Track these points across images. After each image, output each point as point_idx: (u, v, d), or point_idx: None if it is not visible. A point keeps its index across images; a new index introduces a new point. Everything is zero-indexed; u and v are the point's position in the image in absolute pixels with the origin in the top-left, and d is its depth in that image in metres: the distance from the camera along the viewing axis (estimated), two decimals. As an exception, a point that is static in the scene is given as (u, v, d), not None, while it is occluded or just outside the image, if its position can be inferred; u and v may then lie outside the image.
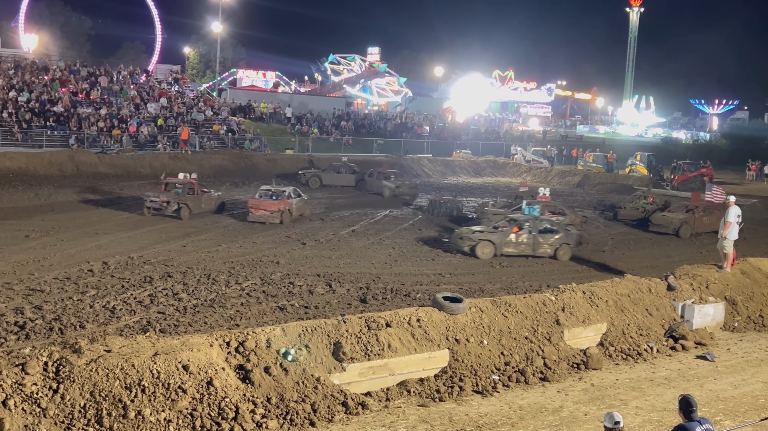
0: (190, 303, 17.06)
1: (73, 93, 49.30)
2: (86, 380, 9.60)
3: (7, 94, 46.06)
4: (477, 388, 12.41)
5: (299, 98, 75.91)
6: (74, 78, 51.85)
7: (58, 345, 10.54)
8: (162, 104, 52.18)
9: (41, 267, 19.53)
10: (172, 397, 9.87)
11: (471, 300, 14.28)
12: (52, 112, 45.81)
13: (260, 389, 10.79)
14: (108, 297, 17.12)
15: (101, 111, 47.92)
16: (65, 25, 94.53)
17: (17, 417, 9.02)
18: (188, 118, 51.51)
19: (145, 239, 23.84)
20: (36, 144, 42.65)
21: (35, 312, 15.65)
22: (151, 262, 20.68)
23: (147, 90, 54.48)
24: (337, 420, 10.82)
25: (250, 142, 51.39)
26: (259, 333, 11.69)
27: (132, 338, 10.90)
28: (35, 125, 44.09)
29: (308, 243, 24.84)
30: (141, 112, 50.12)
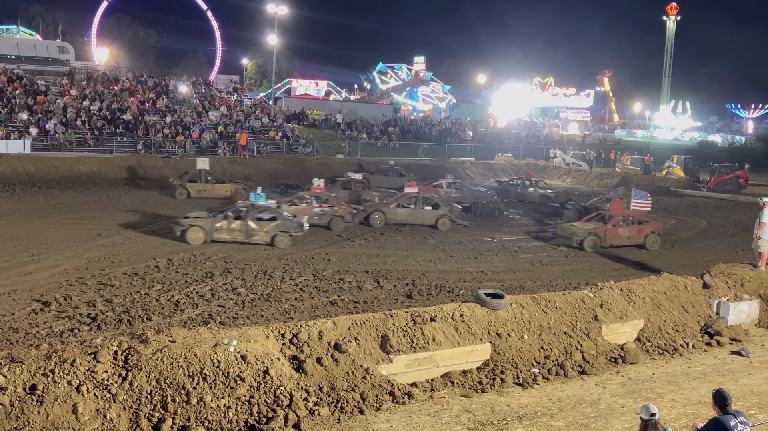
0: (248, 297, 17.26)
1: (140, 102, 50.26)
2: (152, 368, 9.79)
3: (80, 103, 47.16)
4: (518, 380, 12.33)
5: (349, 105, 76.22)
6: (141, 88, 52.85)
7: (127, 336, 10.79)
8: (222, 112, 52.86)
9: (111, 263, 19.95)
10: (231, 385, 10.01)
11: (512, 296, 14.19)
12: (121, 119, 46.76)
13: (313, 378, 10.88)
14: (173, 291, 17.41)
15: (166, 118, 48.77)
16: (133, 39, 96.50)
17: (89, 402, 9.24)
18: (246, 125, 52.09)
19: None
20: (107, 149, 43.58)
21: (106, 305, 15.99)
22: (212, 259, 20.97)
23: (208, 99, 55.25)
24: (385, 408, 10.85)
25: (304, 147, 51.77)
26: (311, 326, 11.79)
27: (194, 329, 11.08)
28: (106, 132, 45.06)
29: (357, 242, 24.92)
30: (203, 120, 50.84)
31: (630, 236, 26.21)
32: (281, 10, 68.79)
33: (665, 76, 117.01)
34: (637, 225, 26.63)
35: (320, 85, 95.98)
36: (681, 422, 10.69)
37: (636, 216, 27.06)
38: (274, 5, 67.80)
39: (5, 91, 45.89)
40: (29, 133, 41.67)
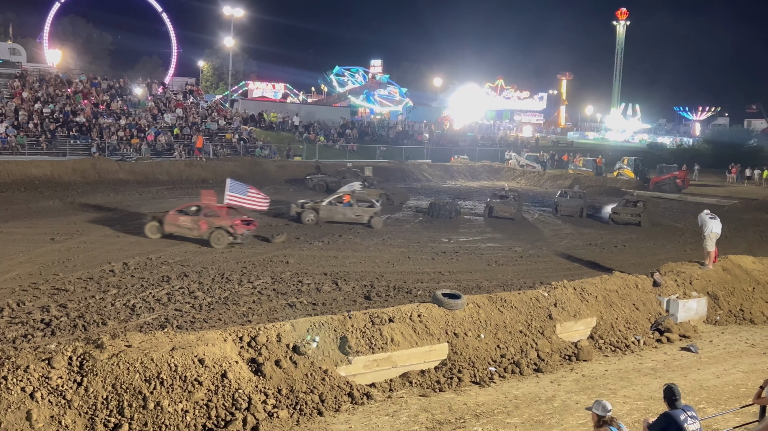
0: (205, 301, 17.07)
1: (94, 104, 49.38)
2: (108, 373, 9.64)
3: (32, 106, 46.15)
4: (475, 379, 12.43)
5: (307, 108, 75.95)
6: (95, 90, 51.93)
7: (82, 341, 10.58)
8: (178, 114, 52.22)
9: (66, 268, 19.56)
10: (189, 389, 9.90)
11: (469, 296, 14.30)
12: (75, 122, 45.87)
13: (271, 381, 10.83)
14: (128, 295, 17.14)
15: (121, 121, 48.00)
16: (87, 40, 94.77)
17: (44, 409, 9.07)
18: (203, 128, 51.54)
19: (162, 242, 23.85)
20: (60, 152, 42.72)
21: (60, 310, 15.67)
22: (168, 263, 20.70)
23: (164, 101, 54.53)
24: (344, 409, 10.84)
25: (261, 150, 51.42)
26: (270, 328, 11.73)
27: (151, 334, 10.94)
28: (59, 135, 44.16)
29: (315, 244, 24.84)
30: (158, 122, 50.16)
31: (192, 228, 24.08)
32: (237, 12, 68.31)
33: (616, 80, 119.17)
34: (205, 218, 24.02)
35: (277, 88, 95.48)
36: (633, 417, 10.89)
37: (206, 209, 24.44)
38: (230, 7, 67.29)
39: (-46, 93, 44.70)
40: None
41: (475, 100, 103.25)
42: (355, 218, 29.74)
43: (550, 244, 27.46)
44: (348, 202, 30.08)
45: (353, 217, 29.75)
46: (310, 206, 29.85)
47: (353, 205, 29.95)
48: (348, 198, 30.25)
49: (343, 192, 31.45)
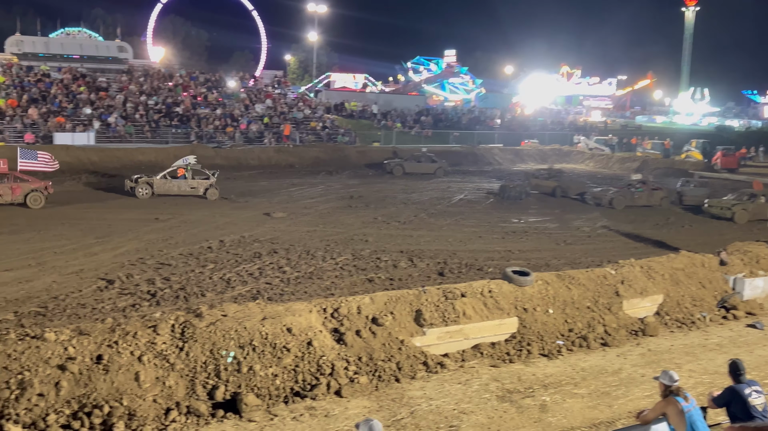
0: (292, 275, 17.42)
1: (193, 96, 50.74)
2: (206, 340, 9.96)
3: (138, 98, 47.79)
4: (543, 352, 12.28)
5: (384, 97, 75.98)
6: (194, 83, 53.34)
7: (183, 311, 10.97)
8: (268, 105, 53.12)
9: (169, 244, 20.27)
10: (278, 355, 10.13)
11: (537, 273, 14.10)
12: (175, 113, 47.29)
13: (352, 349, 10.97)
14: (224, 270, 17.64)
15: (217, 111, 49.18)
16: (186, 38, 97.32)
17: (150, 371, 9.44)
18: (290, 116, 52.29)
19: (254, 221, 24.42)
20: (163, 140, 44.12)
21: (164, 283, 16.27)
22: (259, 241, 21.18)
23: (255, 93, 55.56)
24: (419, 377, 10.90)
25: (343, 136, 51.83)
26: (351, 301, 11.86)
27: (244, 305, 11.23)
28: (162, 124, 45.62)
29: (392, 224, 24.94)
30: (250, 112, 51.17)
31: (3, 194, 25.22)
32: (321, 8, 68.73)
33: (684, 64, 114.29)
34: (13, 183, 25.41)
35: (357, 78, 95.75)
36: (698, 390, 10.55)
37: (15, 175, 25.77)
38: (314, 4, 67.75)
39: (71, 88, 46.68)
40: (93, 126, 42.36)
41: (545, 86, 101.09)
42: (191, 191, 29.84)
43: (617, 224, 26.74)
44: (182, 176, 30.12)
45: (188, 190, 29.84)
46: (144, 180, 29.50)
47: (188, 178, 30.07)
48: (182, 171, 30.24)
49: (177, 166, 30.71)
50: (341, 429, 9.17)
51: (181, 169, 30.23)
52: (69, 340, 9.46)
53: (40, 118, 41.54)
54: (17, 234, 20.75)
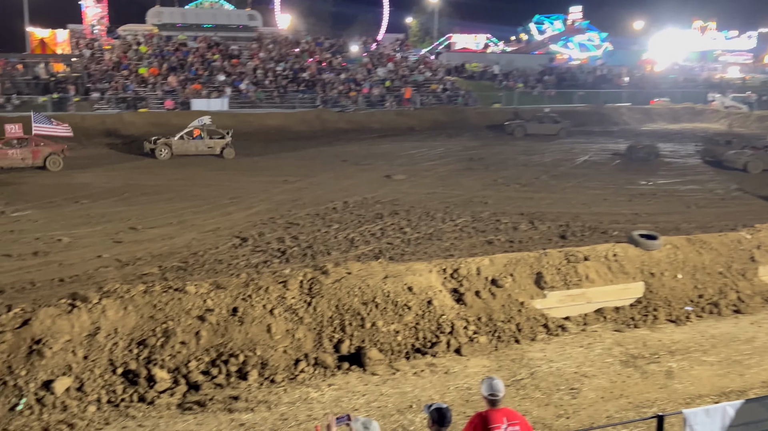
0: (413, 236, 17.59)
1: (318, 62, 51.71)
2: (332, 296, 10.30)
3: (267, 65, 49.29)
4: (670, 317, 11.79)
5: (506, 57, 74.05)
6: (319, 49, 54.30)
7: (311, 268, 11.38)
8: (389, 68, 53.27)
9: (297, 205, 20.97)
10: (400, 313, 10.34)
11: (666, 237, 13.48)
12: (302, 78, 48.43)
13: (472, 309, 11.00)
14: (348, 230, 18.08)
15: (340, 76, 49.92)
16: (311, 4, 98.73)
17: (281, 323, 9.91)
18: (410, 79, 52.21)
19: (376, 183, 24.77)
20: (290, 105, 45.33)
21: (293, 241, 16.91)
22: (381, 202, 21.48)
23: (377, 57, 55.84)
24: (539, 339, 10.79)
25: (463, 98, 51.23)
26: (470, 262, 11.86)
27: (367, 263, 11.49)
28: (290, 90, 46.88)
29: (512, 186, 24.53)
30: (372, 76, 51.54)
31: (24, 158, 26.11)
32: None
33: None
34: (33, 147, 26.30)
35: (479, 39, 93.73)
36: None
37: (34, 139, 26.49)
38: (436, -35, 66.71)
39: (206, 56, 48.82)
40: (226, 92, 44.21)
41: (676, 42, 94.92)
42: (208, 150, 30.14)
43: (753, 187, 24.95)
44: (198, 136, 30.27)
45: (206, 149, 30.11)
46: (163, 142, 29.63)
47: (204, 138, 30.29)
48: (198, 132, 30.42)
49: (192, 126, 30.85)
50: (461, 386, 9.26)
51: (197, 129, 30.96)
52: (207, 293, 10.08)
53: (178, 85, 43.82)
54: (159, 194, 22.16)
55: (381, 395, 8.95)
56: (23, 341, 8.84)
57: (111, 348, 9.13)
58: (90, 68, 44.58)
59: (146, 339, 9.34)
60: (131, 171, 26.47)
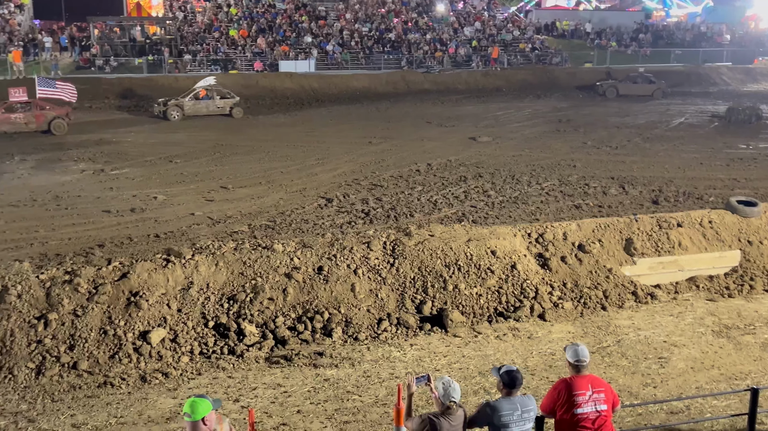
0: (497, 199, 17.36)
1: (404, 22, 51.22)
2: (415, 258, 10.33)
3: (353, 26, 49.23)
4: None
5: (599, 14, 71.03)
6: (405, 9, 53.72)
7: (394, 229, 11.42)
8: (476, 27, 52.20)
9: (380, 167, 21.03)
10: (482, 276, 10.27)
11: (766, 204, 12.75)
12: (387, 39, 48.15)
13: (557, 275, 10.81)
14: (431, 192, 18.02)
15: (426, 36, 49.32)
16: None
17: (364, 283, 10.04)
18: (498, 39, 51.02)
19: (460, 145, 24.51)
20: (375, 66, 45.23)
21: (376, 203, 17.01)
22: (465, 164, 21.26)
23: (464, 15, 54.78)
24: (627, 306, 10.52)
25: (553, 58, 49.69)
26: (556, 227, 11.62)
27: (450, 226, 11.44)
28: (375, 51, 46.73)
29: (603, 149, 23.74)
30: (458, 35, 50.68)
31: (28, 122, 25.69)
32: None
33: None
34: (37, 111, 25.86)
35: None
36: None
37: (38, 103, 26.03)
38: None
39: (294, 17, 49.21)
40: (313, 54, 44.53)
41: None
42: (218, 110, 30.32)
43: None
44: (206, 96, 30.46)
45: (216, 109, 30.30)
46: (174, 103, 29.75)
47: (214, 98, 30.49)
48: (204, 92, 30.65)
49: (199, 87, 31.11)
50: (544, 351, 9.16)
51: (203, 90, 31.13)
52: (294, 251, 10.30)
53: (267, 47, 44.44)
54: (250, 154, 22.69)
55: (462, 357, 8.97)
56: (122, 293, 9.32)
57: (203, 302, 9.50)
58: (183, 30, 45.77)
59: (236, 294, 9.66)
60: (223, 131, 27.17)
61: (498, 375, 5.42)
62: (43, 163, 21.16)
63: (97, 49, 41.86)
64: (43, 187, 18.22)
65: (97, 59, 40.96)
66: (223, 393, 7.98)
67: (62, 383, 8.25)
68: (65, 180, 19.16)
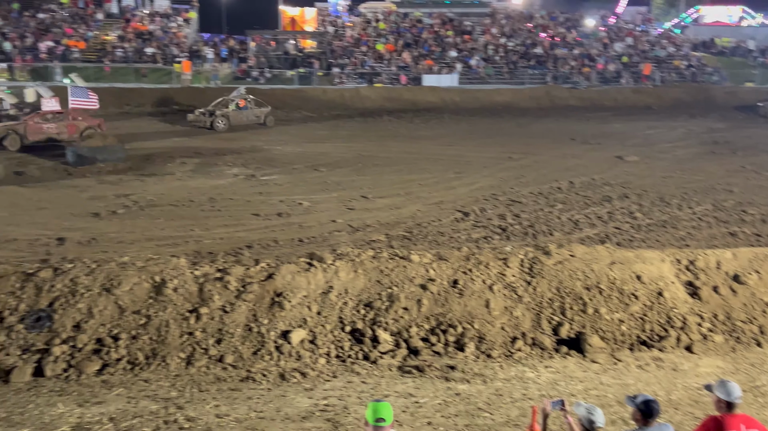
0: (644, 222, 16.57)
1: (551, 37, 50.28)
2: (553, 277, 10.08)
3: (498, 40, 48.95)
4: None
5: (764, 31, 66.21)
6: (553, 24, 52.74)
7: (532, 247, 11.21)
8: (627, 43, 50.26)
9: (520, 183, 20.71)
10: (625, 301, 9.85)
11: None
12: (533, 54, 47.46)
13: (707, 305, 10.16)
14: (572, 211, 17.50)
15: (574, 51, 48.14)
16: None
17: (499, 300, 9.92)
18: (650, 55, 48.83)
19: (605, 164, 23.64)
20: (519, 81, 44.69)
21: (514, 219, 16.75)
22: (610, 184, 20.48)
23: (615, 31, 52.94)
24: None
25: (710, 76, 46.82)
26: (709, 254, 10.93)
27: (592, 247, 11.06)
28: (520, 65, 46.20)
29: (764, 174, 22.01)
30: (608, 51, 49.02)
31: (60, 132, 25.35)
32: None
33: None
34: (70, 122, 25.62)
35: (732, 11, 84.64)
36: None
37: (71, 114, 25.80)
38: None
39: (439, 32, 49.69)
40: (456, 68, 44.71)
41: None
42: (256, 119, 31.28)
43: None
44: (245, 106, 31.21)
45: (254, 118, 31.26)
46: (221, 113, 30.27)
47: (252, 108, 31.43)
48: (243, 102, 31.35)
49: (237, 96, 31.80)
50: (690, 385, 8.61)
51: (242, 99, 31.45)
52: (430, 263, 10.37)
53: (411, 61, 45.16)
54: (390, 166, 23.11)
55: (600, 384, 8.62)
56: (267, 293, 9.77)
57: (341, 306, 9.77)
58: (333, 44, 47.50)
59: (372, 301, 9.86)
60: (366, 142, 27.88)
61: (634, 404, 5.16)
62: (201, 167, 22.67)
63: (254, 61, 44.35)
64: (199, 189, 19.52)
65: (252, 70, 43.40)
66: (356, 398, 8.15)
67: (209, 374, 8.76)
68: (220, 183, 20.41)
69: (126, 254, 12.06)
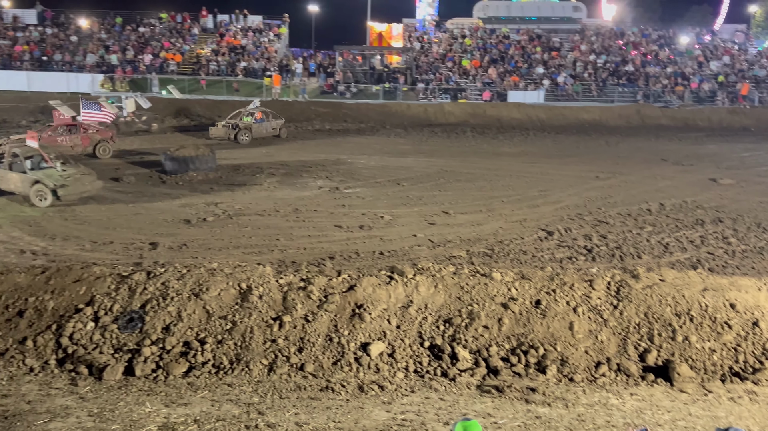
0: (738, 248, 15.82)
1: (643, 54, 48.94)
2: (641, 302, 9.76)
3: (588, 57, 48.02)
4: None
5: None
6: (645, 41, 51.34)
7: (619, 270, 10.90)
8: (724, 62, 48.33)
9: (607, 203, 20.18)
10: (718, 330, 9.43)
11: None
12: (624, 71, 46.32)
13: (809, 339, 9.57)
14: (663, 234, 16.91)
15: (667, 69, 46.68)
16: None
17: (583, 323, 9.68)
18: (749, 74, 46.78)
19: (698, 186, 22.75)
20: (608, 99, 43.71)
21: (600, 240, 16.31)
22: (703, 207, 19.69)
23: (711, 49, 51.01)
24: None
25: (815, 96, 44.38)
26: (811, 285, 10.31)
27: (683, 272, 10.66)
28: (609, 83, 45.17)
29: None
30: (703, 70, 47.28)
31: (74, 145, 25.18)
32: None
33: None
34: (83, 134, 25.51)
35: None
36: None
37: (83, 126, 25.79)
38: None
39: (527, 48, 49.20)
40: (543, 84, 44.13)
41: None
42: (272, 131, 31.51)
43: None
44: (261, 119, 31.33)
45: (271, 131, 31.46)
46: (245, 126, 30.51)
47: (269, 120, 31.60)
48: (260, 114, 31.53)
49: (254, 109, 32.02)
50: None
51: (260, 111, 31.52)
52: (512, 282, 10.24)
53: (497, 77, 44.89)
54: (472, 182, 22.98)
55: (689, 415, 8.26)
56: (348, 304, 9.89)
57: (420, 321, 9.77)
58: (419, 60, 47.79)
59: (452, 318, 9.81)
60: (449, 158, 27.85)
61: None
62: (287, 178, 23.20)
63: (341, 76, 45.15)
64: (285, 200, 19.98)
65: (339, 85, 44.19)
66: (434, 414, 8.12)
67: (290, 382, 8.92)
68: (304, 195, 20.82)
69: (214, 260, 12.46)
